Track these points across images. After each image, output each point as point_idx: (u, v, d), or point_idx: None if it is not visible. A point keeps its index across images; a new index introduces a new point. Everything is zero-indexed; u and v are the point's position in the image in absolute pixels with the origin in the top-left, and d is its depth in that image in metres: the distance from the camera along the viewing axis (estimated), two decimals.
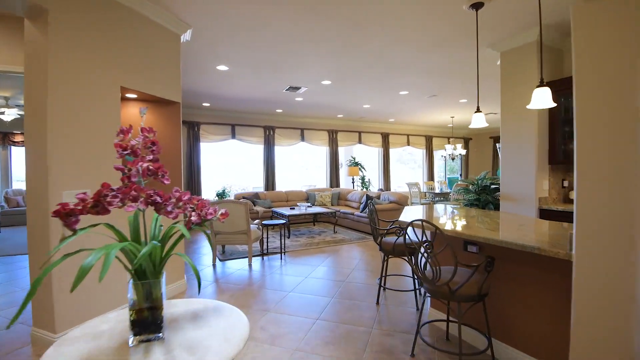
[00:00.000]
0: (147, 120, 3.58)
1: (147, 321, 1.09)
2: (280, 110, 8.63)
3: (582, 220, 1.55)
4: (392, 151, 11.48)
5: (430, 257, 2.01)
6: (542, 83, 2.21)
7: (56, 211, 0.89)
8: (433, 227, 1.97)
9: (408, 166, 12.89)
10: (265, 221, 5.38)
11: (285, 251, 5.40)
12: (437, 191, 10.77)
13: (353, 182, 10.36)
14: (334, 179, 10.31)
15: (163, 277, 1.14)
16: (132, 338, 1.08)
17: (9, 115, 6.53)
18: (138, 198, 1.04)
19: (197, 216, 1.20)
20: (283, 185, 9.81)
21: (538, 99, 2.22)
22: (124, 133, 1.15)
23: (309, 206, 7.26)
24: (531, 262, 2.12)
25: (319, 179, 10.67)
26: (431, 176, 12.16)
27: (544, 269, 2.05)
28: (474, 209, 3.92)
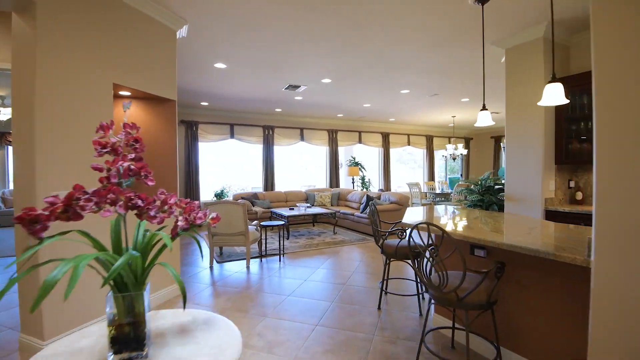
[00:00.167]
0: (141, 118, 3.47)
1: (129, 338, 0.99)
2: (279, 109, 8.51)
3: (602, 223, 1.45)
4: (392, 151, 11.37)
5: (436, 262, 1.91)
6: (554, 78, 2.10)
7: (19, 217, 0.78)
8: (440, 231, 1.86)
9: (408, 166, 12.78)
10: (264, 222, 5.27)
11: (284, 253, 5.29)
12: (438, 191, 10.66)
13: (353, 183, 10.24)
14: (334, 179, 10.19)
15: (147, 289, 1.04)
16: (112, 356, 0.97)
17: (5, 114, 6.41)
18: (117, 201, 0.93)
19: (185, 221, 1.10)
20: (282, 185, 9.69)
21: (550, 95, 2.11)
22: (104, 129, 1.04)
23: (309, 207, 7.15)
24: (542, 267, 2.01)
25: (319, 179, 10.55)
26: (432, 176, 12.05)
27: (556, 274, 1.94)
28: (478, 210, 3.81)
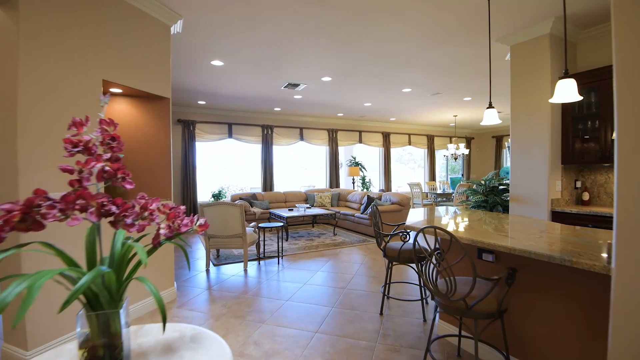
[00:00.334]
0: (133, 116, 3.35)
1: None
2: (278, 108, 8.38)
3: (624, 229, 1.35)
4: (393, 151, 11.25)
5: (443, 268, 1.79)
6: (567, 74, 1.98)
7: None
8: (448, 235, 1.75)
9: (408, 166, 12.66)
10: (262, 224, 5.15)
11: (282, 255, 5.17)
12: (439, 191, 10.54)
13: (353, 183, 10.12)
14: (334, 180, 10.06)
15: (124, 306, 0.92)
16: None
17: None
18: (87, 208, 0.81)
19: (169, 228, 0.98)
20: (281, 185, 9.56)
21: (562, 92, 1.99)
22: (77, 126, 0.92)
23: (308, 207, 7.03)
24: (555, 273, 1.90)
25: (319, 179, 10.42)
26: (433, 176, 11.93)
27: (571, 280, 1.83)
28: (482, 211, 3.69)
